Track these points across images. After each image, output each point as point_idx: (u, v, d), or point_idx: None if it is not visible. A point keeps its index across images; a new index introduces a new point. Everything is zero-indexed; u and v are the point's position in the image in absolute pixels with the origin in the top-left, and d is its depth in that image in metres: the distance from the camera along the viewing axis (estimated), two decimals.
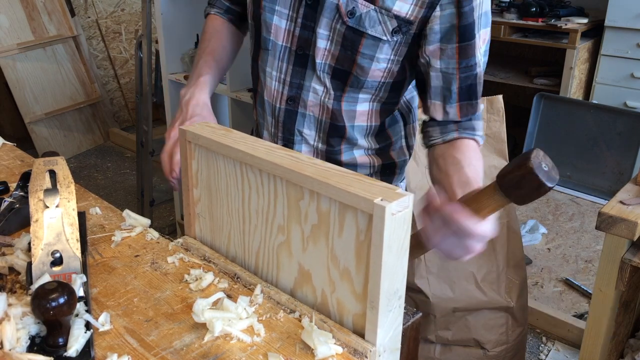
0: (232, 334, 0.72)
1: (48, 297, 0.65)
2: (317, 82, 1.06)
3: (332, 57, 1.03)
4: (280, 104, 1.10)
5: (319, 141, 1.12)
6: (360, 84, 1.05)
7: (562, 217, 3.01)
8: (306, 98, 1.08)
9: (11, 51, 3.63)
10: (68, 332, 0.69)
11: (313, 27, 1.02)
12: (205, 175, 0.89)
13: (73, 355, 0.68)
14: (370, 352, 0.69)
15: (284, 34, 1.05)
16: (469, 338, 1.77)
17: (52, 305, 0.65)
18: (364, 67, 1.02)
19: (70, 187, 0.84)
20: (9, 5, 3.65)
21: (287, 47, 1.06)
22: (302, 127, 1.11)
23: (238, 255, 0.88)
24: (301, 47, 1.04)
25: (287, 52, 1.06)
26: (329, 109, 1.08)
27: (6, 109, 3.88)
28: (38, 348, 0.68)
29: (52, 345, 0.68)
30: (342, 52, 1.02)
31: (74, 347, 0.68)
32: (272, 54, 1.08)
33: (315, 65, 1.04)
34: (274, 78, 1.09)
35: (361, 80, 1.04)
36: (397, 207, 0.64)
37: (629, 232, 1.21)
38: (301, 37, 1.04)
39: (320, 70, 1.05)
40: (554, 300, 2.39)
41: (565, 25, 3.29)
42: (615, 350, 1.46)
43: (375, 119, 1.12)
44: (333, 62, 1.03)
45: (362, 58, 1.01)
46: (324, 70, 1.05)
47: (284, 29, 1.05)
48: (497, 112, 1.68)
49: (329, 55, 1.03)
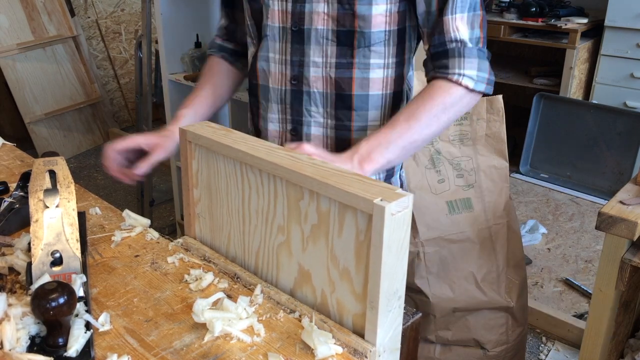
0: (232, 334, 0.72)
1: (48, 297, 0.65)
2: (317, 54, 1.06)
3: (332, 19, 1.03)
4: (285, 85, 1.11)
5: (327, 117, 1.12)
6: (367, 40, 1.04)
7: (562, 217, 3.01)
8: (308, 75, 1.08)
9: (11, 51, 3.63)
10: (68, 332, 0.69)
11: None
12: (206, 175, 0.89)
13: (73, 355, 0.68)
14: (370, 352, 0.69)
15: (278, 15, 1.07)
16: (469, 338, 1.77)
17: (52, 306, 0.65)
18: (365, 16, 1.02)
19: (70, 187, 0.84)
20: (9, 5, 3.65)
21: (283, 27, 1.07)
22: (309, 105, 1.11)
23: (238, 255, 0.88)
24: (295, 23, 1.06)
25: (284, 32, 1.08)
26: (332, 79, 1.08)
27: (6, 109, 3.88)
28: (38, 348, 0.68)
29: (52, 345, 0.68)
30: (340, 9, 1.02)
31: (74, 347, 0.68)
32: (272, 38, 1.09)
33: (312, 39, 1.05)
34: (277, 61, 1.10)
35: (366, 33, 1.03)
36: (397, 207, 0.64)
37: (629, 232, 1.21)
38: (294, 12, 1.05)
39: (323, 39, 1.05)
40: (554, 300, 2.39)
41: (565, 25, 3.29)
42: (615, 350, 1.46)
43: (391, 86, 1.10)
44: (335, 26, 1.04)
45: (360, 5, 1.01)
46: (327, 37, 1.05)
47: (277, 10, 1.07)
48: (497, 112, 1.68)
49: (329, 19, 1.03)
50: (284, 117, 1.14)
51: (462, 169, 1.70)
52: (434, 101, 1.01)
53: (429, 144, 1.67)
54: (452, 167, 1.70)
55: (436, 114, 1.00)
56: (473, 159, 1.71)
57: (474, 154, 1.71)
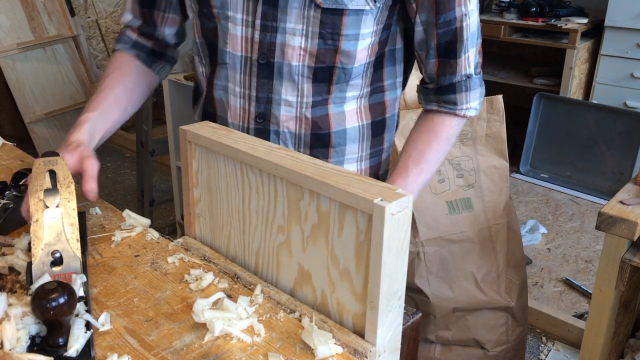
0: (232, 334, 0.72)
1: (48, 297, 0.65)
2: (290, 92, 0.94)
3: (310, 55, 0.92)
4: (248, 123, 0.98)
5: None
6: (347, 76, 0.94)
7: (562, 217, 3.01)
8: (277, 113, 0.96)
9: (11, 51, 3.63)
10: (68, 332, 0.69)
11: (276, 27, 0.90)
12: (206, 175, 0.89)
13: (73, 355, 0.68)
14: (370, 352, 0.69)
15: (241, 43, 0.93)
16: (469, 338, 1.77)
17: (52, 305, 0.65)
18: (349, 52, 0.91)
19: (70, 187, 0.84)
20: (9, 5, 3.65)
21: (247, 56, 0.94)
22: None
23: (238, 255, 0.88)
24: (264, 54, 0.93)
25: (249, 63, 0.94)
26: (308, 120, 0.97)
27: (6, 109, 3.88)
28: (38, 348, 0.68)
29: (53, 345, 0.68)
30: (321, 44, 0.90)
31: (74, 347, 0.68)
32: (232, 67, 0.96)
33: (284, 74, 0.93)
34: (238, 95, 0.97)
35: (347, 69, 0.93)
36: (397, 207, 0.64)
37: (629, 232, 1.21)
38: (262, 42, 0.92)
39: (297, 75, 0.93)
40: (554, 300, 2.39)
41: (565, 25, 3.29)
42: (615, 350, 1.46)
43: (366, 116, 1.02)
44: (312, 62, 0.92)
45: (345, 42, 0.90)
46: (302, 74, 0.93)
47: (240, 37, 0.93)
48: (497, 112, 1.68)
49: (306, 54, 0.92)
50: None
51: (462, 169, 1.70)
52: (439, 138, 0.98)
53: None
54: (452, 167, 1.70)
55: (443, 149, 0.99)
56: (473, 159, 1.71)
57: (474, 154, 1.71)
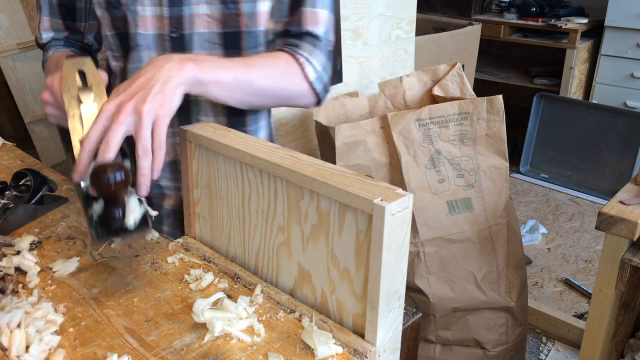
0: (232, 334, 0.72)
1: (107, 172, 0.70)
2: None
3: (216, 21, 0.95)
4: None
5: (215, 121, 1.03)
6: (255, 40, 0.98)
7: (562, 217, 3.01)
8: None
9: (11, 51, 3.63)
10: (124, 206, 0.72)
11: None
12: (206, 175, 0.89)
13: (132, 226, 0.72)
14: (370, 352, 0.69)
15: (153, 22, 0.96)
16: (469, 338, 1.77)
17: (111, 181, 0.69)
18: (251, 14, 0.95)
19: (100, 86, 0.84)
20: (9, 5, 3.65)
21: (160, 34, 0.97)
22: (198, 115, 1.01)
23: (238, 255, 0.88)
24: (175, 28, 0.96)
25: (161, 40, 0.97)
26: None
27: (6, 108, 3.88)
28: (96, 224, 0.72)
29: (111, 218, 0.72)
30: (224, 9, 0.94)
31: (131, 218, 0.72)
32: (146, 48, 0.98)
33: (195, 44, 0.96)
34: None
35: (253, 32, 0.97)
36: (397, 207, 0.64)
37: (629, 232, 1.21)
38: (171, 17, 0.95)
39: (208, 42, 0.96)
40: (554, 300, 2.39)
41: (565, 25, 3.29)
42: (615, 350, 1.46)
43: None
44: (219, 28, 0.96)
45: (245, 3, 0.94)
46: (212, 41, 0.97)
47: (149, 16, 0.96)
48: (497, 112, 1.68)
49: (212, 21, 0.95)
50: (170, 130, 1.01)
51: (462, 169, 1.70)
52: (276, 62, 0.95)
53: (429, 143, 1.67)
54: (452, 167, 1.70)
55: (275, 74, 0.94)
56: (473, 159, 1.71)
57: (474, 154, 1.71)
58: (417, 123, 1.65)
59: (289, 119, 1.93)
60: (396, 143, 1.64)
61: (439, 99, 1.82)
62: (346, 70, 2.04)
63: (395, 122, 1.64)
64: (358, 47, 2.07)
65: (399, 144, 1.64)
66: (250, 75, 0.91)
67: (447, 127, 1.68)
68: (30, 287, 0.81)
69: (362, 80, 2.14)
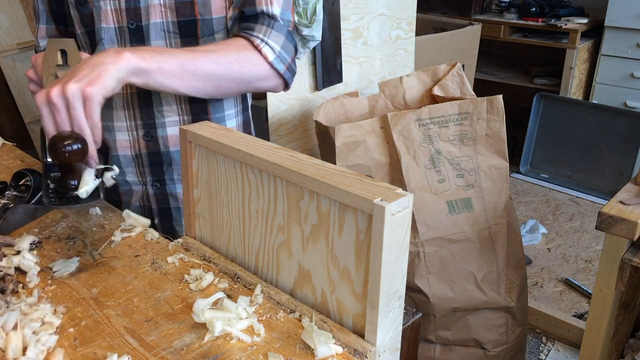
0: (232, 334, 0.72)
1: (64, 141, 0.73)
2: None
3: (171, 10, 0.97)
4: (129, 89, 1.02)
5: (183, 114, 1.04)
6: (209, 28, 0.99)
7: (562, 217, 3.01)
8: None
9: (11, 51, 3.63)
10: (80, 177, 0.76)
11: None
12: (206, 175, 0.89)
13: (83, 195, 0.75)
14: (370, 352, 0.69)
15: (112, 15, 0.99)
16: (469, 338, 1.77)
17: (67, 150, 0.72)
18: (205, 2, 0.97)
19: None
20: (9, 5, 3.65)
21: (120, 26, 1.00)
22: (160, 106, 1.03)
23: (238, 255, 0.88)
24: (132, 20, 0.99)
25: (121, 32, 1.00)
26: None
27: (6, 109, 3.88)
28: (52, 190, 0.75)
29: (65, 187, 0.75)
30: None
31: (84, 188, 0.75)
32: (108, 41, 1.01)
33: (153, 35, 0.98)
34: None
35: (207, 20, 0.99)
36: (397, 207, 0.64)
37: (629, 232, 1.21)
38: (129, 9, 0.98)
39: (164, 32, 0.98)
40: (554, 300, 2.39)
41: (565, 25, 3.29)
42: (615, 350, 1.46)
43: None
44: (175, 17, 0.98)
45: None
46: (169, 30, 0.98)
47: (110, 10, 0.98)
48: (497, 112, 1.68)
49: (167, 10, 0.97)
50: (132, 123, 1.05)
51: (462, 169, 1.70)
52: (229, 46, 0.95)
53: (429, 143, 1.67)
54: (452, 167, 1.70)
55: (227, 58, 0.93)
56: (473, 159, 1.71)
57: (474, 154, 1.71)
58: (417, 123, 1.65)
59: (288, 119, 1.93)
60: (396, 143, 1.64)
61: (439, 99, 1.82)
62: (346, 70, 2.04)
63: (395, 122, 1.64)
64: (358, 47, 2.07)
65: (399, 144, 1.64)
66: (199, 61, 0.90)
67: (447, 127, 1.68)
68: (30, 287, 0.81)
69: (362, 80, 2.14)
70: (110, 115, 1.05)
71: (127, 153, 1.08)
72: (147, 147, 1.07)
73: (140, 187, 1.11)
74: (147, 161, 1.09)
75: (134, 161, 1.08)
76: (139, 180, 1.10)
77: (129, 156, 1.08)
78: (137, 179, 1.10)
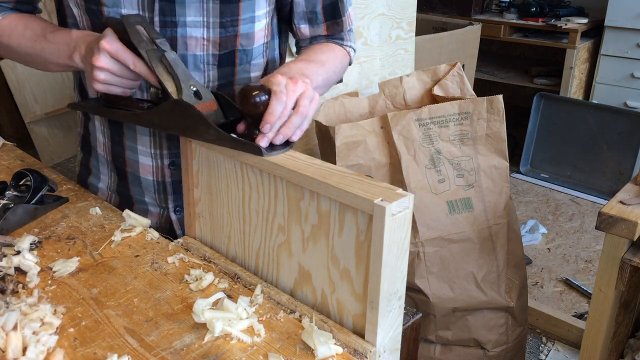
0: (232, 334, 0.72)
1: (258, 94, 0.77)
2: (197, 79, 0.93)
3: (214, 44, 0.96)
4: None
5: None
6: (248, 57, 1.01)
7: (562, 217, 3.00)
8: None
9: None
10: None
11: (175, 21, 0.92)
12: (206, 175, 0.89)
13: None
14: (370, 352, 0.69)
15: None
16: (469, 338, 1.77)
17: (258, 101, 0.77)
18: (248, 35, 0.98)
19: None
20: None
21: None
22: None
23: (238, 255, 0.88)
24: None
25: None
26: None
27: (6, 109, 3.88)
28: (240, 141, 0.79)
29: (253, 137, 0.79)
30: (222, 33, 0.95)
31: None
32: None
33: (189, 65, 0.96)
34: (145, 89, 0.97)
35: (248, 50, 1.00)
36: (397, 207, 0.64)
37: (629, 232, 1.21)
38: (164, 37, 0.92)
39: (203, 64, 0.97)
40: (554, 300, 2.39)
41: (565, 25, 3.29)
42: (615, 350, 1.46)
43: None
44: (216, 50, 0.97)
45: (243, 25, 0.96)
46: (208, 63, 0.98)
47: None
48: (497, 112, 1.68)
49: (209, 44, 0.96)
50: (158, 152, 1.02)
51: (463, 169, 1.70)
52: (337, 57, 1.07)
53: (429, 143, 1.67)
54: (452, 166, 1.70)
55: (339, 68, 1.07)
56: (473, 159, 1.71)
57: (474, 154, 1.71)
58: (417, 123, 1.65)
59: None
60: (396, 143, 1.64)
61: (439, 98, 1.82)
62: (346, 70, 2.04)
63: (395, 122, 1.63)
64: (358, 47, 2.06)
65: (399, 144, 1.64)
66: (327, 74, 1.03)
67: (447, 127, 1.68)
68: (30, 287, 0.81)
69: (362, 80, 2.14)
70: (135, 137, 1.02)
71: (149, 178, 1.05)
72: (172, 176, 1.04)
73: (158, 210, 1.09)
74: (172, 189, 1.06)
75: (154, 187, 1.06)
76: (157, 204, 1.08)
77: (150, 180, 1.05)
78: (156, 202, 1.08)
